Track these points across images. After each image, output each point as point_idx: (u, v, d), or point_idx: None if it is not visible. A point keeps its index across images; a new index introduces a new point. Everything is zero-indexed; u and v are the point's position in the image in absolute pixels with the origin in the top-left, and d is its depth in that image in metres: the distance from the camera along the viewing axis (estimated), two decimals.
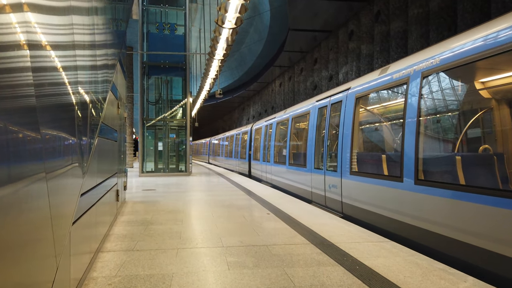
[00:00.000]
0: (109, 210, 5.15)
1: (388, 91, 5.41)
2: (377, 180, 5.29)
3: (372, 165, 5.79)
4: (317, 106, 8.34)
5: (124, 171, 7.69)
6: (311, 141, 8.38)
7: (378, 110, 5.96)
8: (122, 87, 7.16)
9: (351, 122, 6.29)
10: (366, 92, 5.97)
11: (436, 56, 4.15)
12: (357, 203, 5.96)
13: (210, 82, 15.33)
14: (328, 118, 7.53)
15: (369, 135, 6.16)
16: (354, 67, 14.20)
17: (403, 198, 4.60)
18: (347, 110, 6.54)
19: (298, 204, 7.53)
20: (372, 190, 5.44)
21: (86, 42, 2.94)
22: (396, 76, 5.01)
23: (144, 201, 7.98)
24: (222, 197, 8.56)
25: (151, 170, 16.30)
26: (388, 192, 4.95)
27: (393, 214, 4.86)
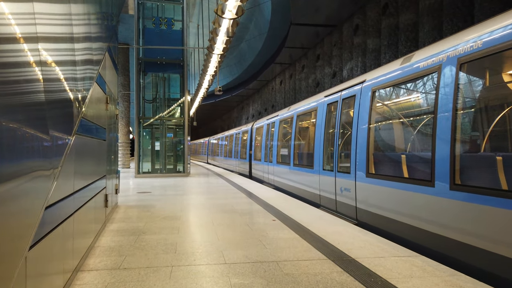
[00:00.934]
0: (95, 218, 4.52)
1: (412, 82, 4.73)
2: (399, 184, 4.63)
3: (393, 166, 5.10)
4: (325, 102, 7.63)
5: (116, 173, 7.07)
6: (319, 140, 7.68)
7: (400, 105, 5.26)
8: (113, 83, 6.54)
9: (367, 119, 5.62)
10: (385, 85, 5.30)
11: (477, 38, 3.53)
12: (375, 209, 5.29)
13: (209, 79, 14.70)
14: (339, 114, 6.84)
15: (389, 133, 5.42)
16: (359, 63, 13.59)
17: (434, 205, 3.97)
18: (362, 105, 5.87)
19: (305, 208, 6.92)
20: (394, 195, 4.77)
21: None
22: (424, 64, 4.37)
23: (138, 206, 7.35)
24: (223, 201, 7.94)
25: (148, 170, 15.66)
26: (415, 198, 4.32)
27: (420, 223, 4.24)
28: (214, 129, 55.68)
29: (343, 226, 5.32)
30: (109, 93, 5.71)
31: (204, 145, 35.86)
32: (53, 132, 2.43)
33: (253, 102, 34.78)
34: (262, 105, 30.75)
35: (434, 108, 4.05)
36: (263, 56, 23.43)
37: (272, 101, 27.26)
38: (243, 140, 17.46)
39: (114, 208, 6.67)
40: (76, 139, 3.19)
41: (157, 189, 10.48)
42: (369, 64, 12.86)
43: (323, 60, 17.32)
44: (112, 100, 6.37)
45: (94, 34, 4.21)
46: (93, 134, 4.22)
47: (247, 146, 16.40)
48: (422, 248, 4.22)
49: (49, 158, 2.31)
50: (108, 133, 5.75)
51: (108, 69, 5.75)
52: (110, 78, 6.00)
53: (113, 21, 6.60)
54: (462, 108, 3.76)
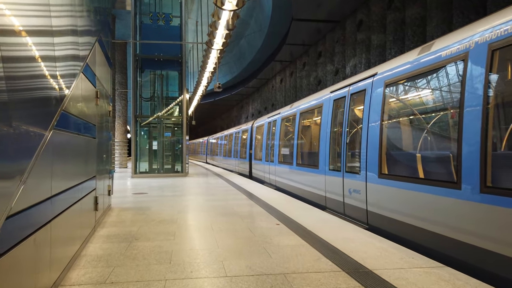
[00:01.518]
0: (82, 223, 4.11)
1: (433, 73, 4.26)
2: (418, 186, 4.20)
3: (410, 166, 4.65)
4: (332, 98, 7.17)
5: (109, 173, 6.65)
6: (324, 138, 7.23)
7: (418, 99, 4.77)
8: (105, 78, 6.12)
9: (380, 115, 5.19)
10: (399, 77, 4.84)
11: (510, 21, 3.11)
12: (389, 213, 4.85)
13: (208, 76, 14.27)
14: (347, 110, 6.38)
15: (406, 130, 4.90)
16: (363, 60, 13.17)
17: (460, 210, 3.56)
18: (373, 100, 5.43)
19: (310, 211, 6.50)
20: (411, 198, 4.34)
21: None
22: (447, 53, 3.93)
23: (133, 208, 6.93)
24: (222, 202, 7.52)
25: (145, 170, 15.24)
26: (437, 201, 3.89)
27: (444, 230, 3.80)
28: (213, 129, 55.26)
29: (354, 231, 4.90)
30: (100, 88, 5.29)
31: (203, 145, 35.24)
32: (19, 126, 2.01)
33: (253, 101, 34.36)
34: (262, 104, 30.32)
35: (460, 101, 3.61)
36: (263, 53, 23.01)
37: (272, 99, 26.83)
38: (243, 139, 17.07)
39: (106, 211, 6.25)
40: (56, 135, 2.77)
41: (154, 189, 10.06)
42: (374, 60, 12.45)
43: (325, 57, 16.90)
44: (104, 96, 5.95)
45: (80, 24, 3.82)
46: (79, 131, 3.80)
47: (247, 146, 15.98)
48: (445, 257, 3.79)
49: (11, 157, 1.89)
50: (99, 130, 5.33)
51: (99, 63, 5.34)
52: (101, 72, 5.59)
53: (104, 14, 6.20)
54: (496, 100, 3.31)
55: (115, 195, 8.68)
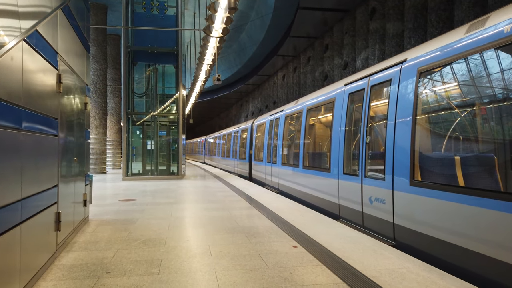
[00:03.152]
0: (31, 253, 2.92)
1: (489, 54, 3.26)
2: (465, 197, 3.32)
3: (455, 173, 3.66)
4: (346, 91, 6.21)
5: (84, 179, 5.47)
6: (337, 137, 6.30)
7: (466, 89, 3.71)
8: (78, 62, 4.95)
9: (412, 109, 4.26)
10: (439, 63, 3.87)
11: None
12: (425, 229, 3.95)
13: (206, 70, 13.08)
14: (366, 105, 5.41)
15: (448, 127, 3.92)
16: (376, 51, 12.01)
17: None
18: (402, 91, 4.52)
19: (330, 225, 5.33)
20: (456, 212, 3.46)
21: None
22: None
23: (115, 220, 5.74)
24: (223, 213, 6.34)
25: (138, 172, 14.03)
26: (492, 217, 3.03)
27: (504, 254, 2.93)
28: (211, 128, 54.05)
29: (397, 258, 3.73)
30: (65, 72, 4.10)
31: (201, 144, 34.18)
32: None
33: (253, 98, 33.15)
34: (263, 102, 29.13)
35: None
36: (265, 47, 21.81)
37: (274, 97, 25.65)
38: (242, 138, 16.13)
39: (80, 226, 5.07)
40: None
41: (144, 195, 8.87)
42: (389, 51, 11.29)
43: (332, 50, 15.74)
44: (77, 85, 4.77)
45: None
46: (17, 124, 2.61)
47: (247, 146, 15.03)
48: None
49: None
50: (67, 126, 4.15)
51: (66, 39, 4.16)
52: (70, 53, 4.40)
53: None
54: None
55: (98, 203, 7.50)
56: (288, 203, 7.51)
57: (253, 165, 13.98)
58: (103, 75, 16.81)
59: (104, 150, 16.82)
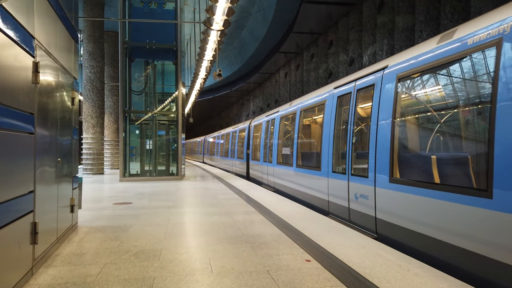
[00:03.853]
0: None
1: (456, 63, 3.70)
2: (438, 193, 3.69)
3: (429, 170, 4.04)
4: (335, 94, 6.59)
5: (72, 182, 4.96)
6: (327, 138, 6.68)
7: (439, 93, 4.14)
8: (64, 50, 4.44)
9: (391, 112, 4.64)
10: (416, 70, 4.27)
11: None
12: (403, 222, 4.32)
13: (207, 66, 12.55)
14: (353, 108, 5.80)
15: (424, 128, 4.36)
16: (385, 46, 11.47)
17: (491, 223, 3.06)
18: (383, 95, 4.89)
19: (345, 234, 4.81)
20: (430, 207, 3.82)
21: None
22: (475, 40, 3.28)
23: (105, 227, 5.22)
24: (225, 218, 5.82)
25: (137, 173, 13.51)
26: (462, 211, 3.38)
27: (473, 245, 3.26)
28: (212, 127, 53.54)
29: (444, 281, 3.20)
30: (44, 59, 3.58)
31: (200, 144, 34.58)
32: None
33: (254, 97, 32.60)
34: (264, 101, 28.60)
35: (492, 95, 3.12)
36: (267, 44, 21.26)
37: (276, 95, 25.12)
38: (240, 138, 16.38)
39: (66, 234, 4.55)
40: None
41: (141, 197, 8.35)
42: (399, 46, 10.76)
43: (337, 47, 15.20)
44: (62, 78, 4.25)
45: None
46: None
47: (244, 145, 15.31)
48: (473, 276, 3.26)
49: None
50: (45, 122, 3.63)
51: (46, 23, 3.65)
52: (51, 37, 3.88)
53: None
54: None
55: (91, 207, 6.99)
56: (294, 207, 6.99)
57: (250, 165, 14.18)
58: (100, 72, 16.28)
59: (101, 150, 16.30)
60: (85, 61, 16.17)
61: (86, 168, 15.88)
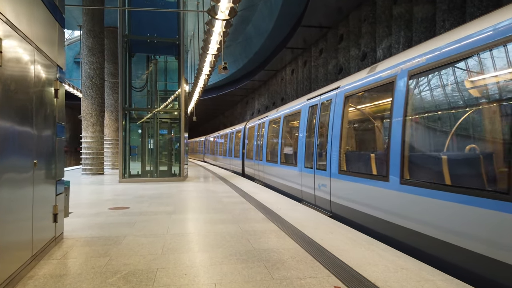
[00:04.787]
0: None
1: (377, 89, 5.28)
2: (362, 179, 5.24)
3: (358, 164, 5.74)
4: (307, 105, 8.06)
5: (60, 186, 4.30)
6: (301, 140, 8.15)
7: (370, 109, 5.81)
8: (38, 24, 3.75)
9: (340, 121, 6.15)
10: (353, 92, 5.89)
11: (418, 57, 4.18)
12: (344, 202, 5.86)
13: (211, 61, 11.85)
14: (318, 117, 7.33)
15: (357, 135, 6.18)
16: (401, 38, 10.70)
17: (388, 197, 4.52)
18: (336, 109, 6.39)
19: (370, 247, 4.08)
20: (358, 189, 5.38)
21: None
22: (384, 75, 5.04)
23: (96, 239, 4.54)
24: (233, 228, 5.12)
25: (137, 173, 12.85)
26: (374, 191, 4.91)
27: (383, 214, 4.66)
28: (216, 127, 52.86)
29: None
30: (9, 36, 2.90)
31: (201, 144, 36.38)
32: None
33: (259, 95, 31.86)
34: (270, 99, 27.86)
35: (391, 112, 4.58)
36: (273, 40, 20.51)
37: (282, 93, 24.38)
38: (237, 139, 17.69)
39: (47, 248, 3.87)
40: None
41: (140, 201, 7.67)
42: (417, 38, 9.99)
43: (348, 41, 14.44)
44: (33, 59, 3.56)
45: None
46: None
47: (240, 145, 16.69)
48: (374, 232, 4.86)
49: None
50: (10, 117, 2.95)
51: None
52: (21, 11, 3.20)
53: None
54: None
55: (83, 212, 6.33)
56: (308, 212, 6.28)
57: (245, 163, 15.52)
58: (100, 68, 15.64)
59: (101, 150, 15.66)
60: (84, 57, 15.55)
61: (85, 168, 15.26)
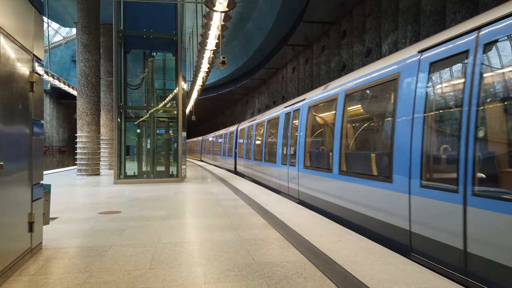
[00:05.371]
0: None
1: (330, 102, 6.70)
2: (319, 172, 6.73)
3: (319, 161, 7.13)
4: (284, 112, 9.53)
5: (38, 190, 3.83)
6: (280, 141, 9.62)
7: (326, 117, 7.14)
8: (9, 8, 3.28)
9: (305, 127, 7.68)
10: (314, 103, 7.46)
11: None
12: (309, 191, 7.28)
13: (209, 56, 11.36)
14: (290, 122, 8.80)
15: (318, 137, 7.46)
16: (408, 33, 10.21)
17: (333, 185, 6.01)
18: (303, 116, 7.84)
19: (386, 259, 3.60)
20: (315, 179, 6.97)
21: None
22: (333, 92, 6.59)
23: (78, 249, 4.06)
24: (231, 235, 4.63)
25: (134, 174, 12.37)
26: (324, 180, 6.43)
27: (328, 197, 6.30)
28: (215, 126, 52.34)
29: None
30: None
31: (198, 144, 38.77)
32: None
33: (259, 94, 31.37)
34: (270, 98, 27.37)
35: (335, 121, 6.09)
36: (273, 37, 20.02)
37: (283, 92, 23.89)
38: (230, 139, 19.29)
39: (20, 262, 3.40)
40: None
41: (133, 205, 7.19)
42: (425, 32, 9.50)
43: (352, 37, 13.96)
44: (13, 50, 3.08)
45: None
46: None
47: (233, 145, 18.28)
48: (327, 212, 6.34)
49: None
50: None
51: None
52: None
53: None
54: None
55: (69, 217, 5.86)
56: (312, 217, 5.79)
57: (237, 161, 17.19)
58: (95, 66, 15.16)
59: (97, 150, 15.18)
60: (79, 54, 15.07)
61: (81, 169, 14.78)
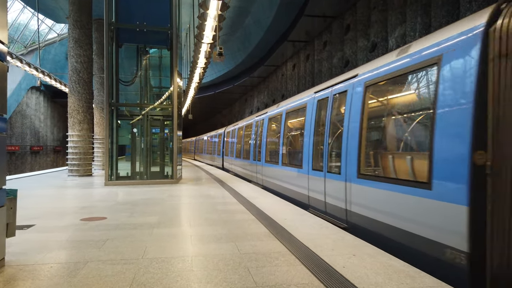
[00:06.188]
0: None
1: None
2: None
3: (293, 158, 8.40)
4: (266, 116, 10.67)
5: (1, 197, 3.22)
6: (264, 141, 10.74)
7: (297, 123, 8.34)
8: None
9: (283, 129, 8.95)
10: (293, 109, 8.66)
11: None
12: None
13: (206, 50, 10.72)
14: (265, 126, 10.89)
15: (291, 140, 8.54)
16: (418, 25, 9.61)
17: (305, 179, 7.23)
18: (284, 121, 8.90)
19: (416, 279, 2.98)
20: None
21: None
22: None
23: (47, 266, 3.43)
24: (228, 249, 4.01)
25: (127, 174, 11.72)
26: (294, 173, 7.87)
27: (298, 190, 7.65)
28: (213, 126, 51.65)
29: None
30: None
31: (192, 144, 41.42)
32: None
33: (258, 92, 30.73)
34: (270, 96, 26.74)
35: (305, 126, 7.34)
36: (273, 33, 19.38)
37: (282, 90, 23.27)
38: (219, 140, 21.79)
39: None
40: None
41: (120, 210, 6.55)
42: (436, 24, 8.91)
43: (355, 31, 13.35)
44: None
45: None
46: None
47: (221, 145, 20.87)
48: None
49: None
50: None
51: None
52: None
53: None
54: None
55: (46, 225, 5.23)
56: (319, 226, 5.17)
57: (224, 159, 19.61)
58: (87, 62, 14.49)
59: (89, 149, 14.51)
60: (70, 50, 14.40)
61: (72, 169, 14.12)
